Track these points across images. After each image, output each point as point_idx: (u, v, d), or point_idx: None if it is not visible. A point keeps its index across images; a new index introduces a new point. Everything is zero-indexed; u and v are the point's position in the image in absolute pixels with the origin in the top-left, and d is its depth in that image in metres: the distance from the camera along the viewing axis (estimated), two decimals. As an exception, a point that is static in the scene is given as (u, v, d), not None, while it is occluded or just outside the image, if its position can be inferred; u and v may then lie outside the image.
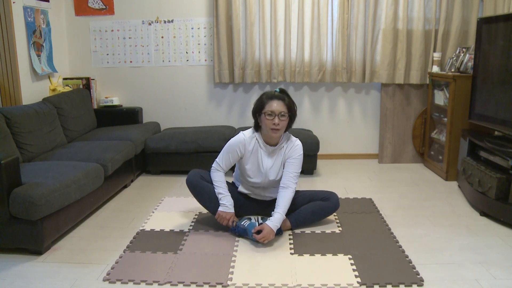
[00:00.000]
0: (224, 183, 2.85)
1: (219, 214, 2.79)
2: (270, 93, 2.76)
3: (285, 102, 2.71)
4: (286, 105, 2.71)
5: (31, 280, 2.30)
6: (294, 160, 2.79)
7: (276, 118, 2.67)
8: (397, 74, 4.36)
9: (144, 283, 2.25)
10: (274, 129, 2.69)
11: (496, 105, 3.28)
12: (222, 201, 2.80)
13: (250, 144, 2.80)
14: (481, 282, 2.24)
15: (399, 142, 4.56)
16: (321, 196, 2.94)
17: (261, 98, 2.77)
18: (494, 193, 2.97)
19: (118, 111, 4.54)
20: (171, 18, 4.53)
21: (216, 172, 2.86)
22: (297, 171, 2.80)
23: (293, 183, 2.76)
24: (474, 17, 4.16)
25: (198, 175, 2.89)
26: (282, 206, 2.71)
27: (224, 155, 2.84)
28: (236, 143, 2.81)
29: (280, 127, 2.70)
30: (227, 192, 2.82)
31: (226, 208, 2.78)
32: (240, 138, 2.81)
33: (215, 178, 2.85)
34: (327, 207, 2.92)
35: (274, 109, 2.68)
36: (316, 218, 2.93)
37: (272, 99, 2.70)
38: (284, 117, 2.69)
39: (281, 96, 2.73)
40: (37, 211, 2.44)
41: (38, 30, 4.03)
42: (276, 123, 2.67)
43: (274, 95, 2.72)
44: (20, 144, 3.20)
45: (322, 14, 4.30)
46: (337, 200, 2.95)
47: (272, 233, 2.64)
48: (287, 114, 2.71)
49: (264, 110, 2.70)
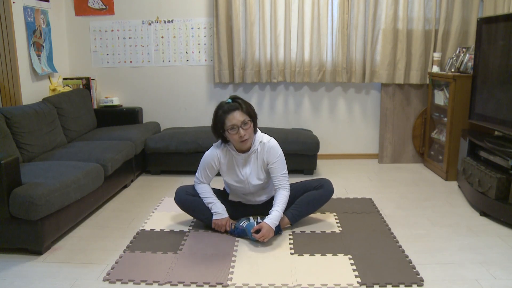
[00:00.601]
0: (210, 192, 2.85)
1: (215, 223, 2.80)
2: (224, 106, 2.63)
3: (243, 110, 2.62)
4: (244, 112, 2.62)
5: (31, 280, 2.30)
6: (276, 163, 2.75)
7: (240, 130, 2.60)
8: (397, 74, 4.36)
9: (144, 283, 2.25)
10: (243, 141, 2.65)
11: (496, 105, 3.28)
12: (213, 209, 2.80)
13: (223, 156, 2.78)
14: (481, 282, 2.24)
15: (399, 142, 4.56)
16: (314, 185, 2.92)
17: (217, 115, 2.66)
18: (494, 193, 2.97)
19: (118, 111, 4.54)
20: (171, 18, 4.53)
21: (200, 184, 2.86)
22: (284, 171, 2.78)
23: (285, 182, 2.76)
24: (474, 17, 4.16)
25: (184, 192, 2.88)
26: (279, 204, 2.71)
27: (202, 170, 2.83)
28: (210, 158, 2.79)
29: (248, 136, 2.65)
30: (216, 200, 2.82)
31: (219, 215, 2.79)
32: (212, 153, 2.78)
33: (201, 190, 2.85)
34: (322, 195, 2.90)
35: (235, 122, 2.59)
36: (312, 208, 2.91)
37: (229, 112, 2.60)
38: (247, 124, 2.62)
39: (236, 105, 2.62)
40: (37, 211, 2.44)
41: (38, 30, 4.03)
42: (242, 134, 2.61)
43: (229, 108, 2.61)
44: (20, 144, 3.20)
45: (322, 14, 4.30)
46: (330, 185, 2.92)
47: (271, 231, 2.65)
48: (249, 121, 2.64)
49: (226, 127, 2.62)
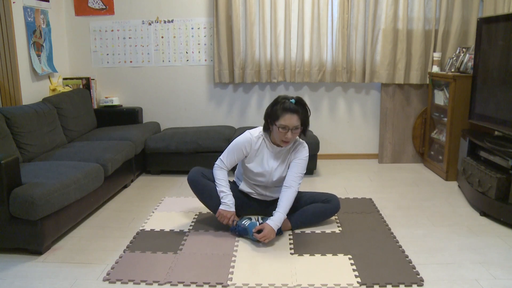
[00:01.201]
0: (226, 181, 2.84)
1: (220, 213, 2.78)
2: (286, 104, 2.63)
3: (300, 116, 2.64)
4: (300, 119, 2.65)
5: (31, 280, 2.30)
6: (300, 161, 2.78)
7: (289, 132, 2.63)
8: (397, 74, 4.36)
9: (144, 283, 2.25)
10: (285, 141, 2.68)
11: (496, 105, 3.28)
12: (224, 199, 2.79)
13: (256, 143, 2.79)
14: (481, 282, 2.24)
15: (399, 142, 4.56)
16: (323, 198, 2.95)
17: (276, 107, 2.66)
18: (494, 193, 2.97)
19: (118, 111, 4.54)
20: (171, 18, 4.53)
21: (219, 170, 2.85)
22: (302, 172, 2.79)
23: (296, 183, 2.76)
24: (474, 17, 4.16)
25: (199, 173, 2.88)
26: (283, 206, 2.70)
27: (229, 153, 2.83)
28: (242, 142, 2.79)
29: (292, 140, 2.69)
30: (229, 191, 2.81)
31: (227, 207, 2.78)
32: (247, 137, 2.79)
33: (218, 176, 2.84)
34: (327, 209, 2.93)
35: (288, 123, 2.61)
36: (316, 219, 2.93)
37: (286, 112, 2.61)
38: (297, 130, 2.66)
39: (296, 109, 2.63)
40: (37, 211, 2.44)
41: (38, 30, 4.03)
42: (289, 137, 2.64)
43: (289, 108, 2.62)
44: (20, 144, 3.20)
45: (322, 14, 4.30)
46: (338, 202, 2.95)
47: (273, 232, 2.65)
48: (300, 127, 2.67)
49: (278, 123, 2.63)
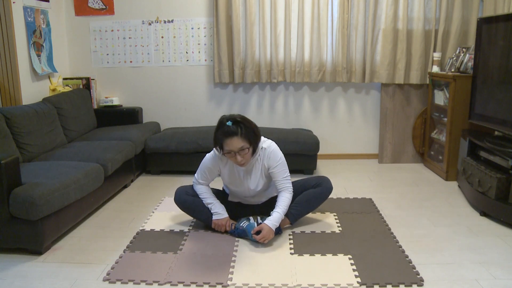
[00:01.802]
0: (209, 192, 2.84)
1: (215, 223, 2.79)
2: (224, 128, 2.54)
3: (241, 136, 2.53)
4: (242, 139, 2.53)
5: (31, 280, 2.30)
6: (277, 167, 2.72)
7: (236, 155, 2.56)
8: (397, 74, 4.36)
9: (144, 283, 2.25)
10: (240, 164, 2.63)
11: (496, 105, 3.28)
12: (213, 209, 2.80)
13: (224, 161, 2.75)
14: (481, 282, 2.24)
15: (399, 142, 4.56)
16: (313, 183, 2.91)
17: (217, 134, 2.59)
18: (494, 193, 2.97)
19: (118, 111, 4.54)
20: (171, 18, 4.53)
21: (198, 185, 2.85)
22: (286, 175, 2.75)
23: (286, 185, 2.74)
24: (474, 17, 4.16)
25: (183, 192, 2.87)
26: (281, 206, 2.70)
27: (201, 173, 2.81)
28: (211, 163, 2.77)
29: (245, 160, 2.61)
30: (215, 200, 2.82)
31: (219, 215, 2.78)
32: (214, 157, 2.75)
33: (200, 191, 2.84)
34: (320, 193, 2.89)
35: (232, 148, 2.54)
36: (312, 206, 2.91)
37: (227, 137, 2.53)
38: (244, 151, 2.56)
39: (235, 130, 2.52)
40: (37, 211, 2.44)
41: (38, 30, 4.03)
42: (239, 159, 2.58)
43: (228, 132, 2.52)
44: (20, 144, 3.20)
45: (322, 14, 4.30)
46: (328, 183, 2.91)
47: (271, 232, 2.64)
48: (247, 148, 2.56)
49: (223, 150, 2.58)
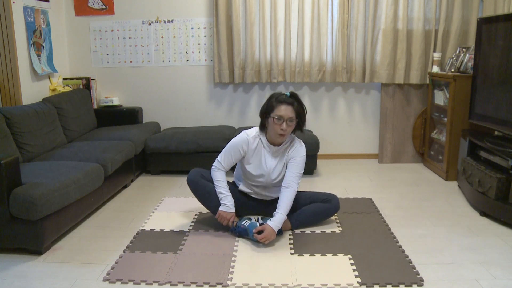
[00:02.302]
0: (225, 182, 2.84)
1: (220, 214, 2.79)
2: (280, 96, 2.70)
3: (294, 108, 2.67)
4: (295, 111, 2.67)
5: (31, 280, 2.30)
6: (297, 161, 2.78)
7: (284, 123, 2.65)
8: (397, 74, 4.36)
9: (144, 283, 2.25)
10: (281, 134, 2.69)
11: (496, 105, 3.28)
12: (223, 200, 2.79)
13: (253, 143, 2.79)
14: (481, 282, 2.24)
15: (399, 142, 4.56)
16: (322, 198, 2.95)
17: (271, 100, 2.72)
18: (494, 193, 2.97)
19: (118, 111, 4.54)
20: (171, 18, 4.53)
21: (217, 171, 2.85)
22: (300, 172, 2.79)
23: (295, 183, 2.76)
24: (474, 17, 4.16)
25: (199, 174, 2.88)
26: (283, 206, 2.70)
27: (226, 154, 2.83)
28: (239, 142, 2.79)
29: (287, 132, 2.69)
30: (228, 192, 2.81)
31: (227, 208, 2.78)
32: (243, 137, 2.80)
33: (216, 178, 2.84)
34: (327, 209, 2.93)
35: (283, 114, 2.64)
36: (316, 219, 2.93)
37: (282, 103, 2.66)
38: (292, 122, 2.67)
39: (291, 100, 2.67)
40: (37, 211, 2.44)
41: (38, 30, 4.03)
42: (284, 128, 2.65)
43: (284, 99, 2.67)
44: (20, 144, 3.20)
45: (322, 14, 4.30)
46: (337, 202, 2.95)
47: (273, 233, 2.64)
48: (295, 120, 2.69)
49: (273, 114, 2.67)
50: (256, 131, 2.82)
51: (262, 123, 2.79)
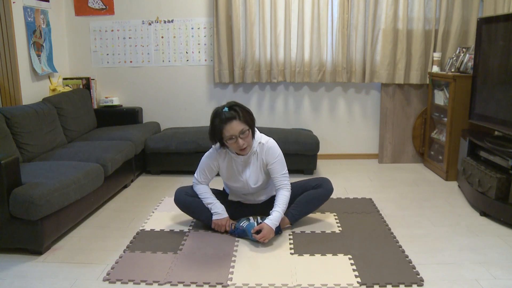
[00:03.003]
0: (209, 192, 2.84)
1: (215, 223, 2.79)
2: (221, 115, 2.56)
3: (240, 119, 2.55)
4: (241, 121, 2.55)
5: (31, 280, 2.30)
6: (275, 164, 2.73)
7: (239, 139, 2.56)
8: (397, 74, 4.36)
9: (144, 283, 2.25)
10: (242, 149, 2.63)
11: (496, 105, 3.28)
12: (213, 209, 2.80)
13: (222, 157, 2.76)
14: (481, 282, 2.24)
15: (399, 142, 4.56)
16: (313, 184, 2.92)
17: (214, 124, 2.59)
18: (494, 193, 2.96)
19: (118, 111, 4.54)
20: (171, 18, 4.53)
21: (198, 185, 2.85)
22: (283, 172, 2.76)
23: (285, 183, 2.75)
24: (474, 17, 4.16)
25: (183, 193, 2.87)
26: (280, 205, 2.70)
27: (200, 171, 2.82)
28: (209, 160, 2.78)
29: (248, 143, 2.62)
30: (215, 200, 2.81)
31: (219, 215, 2.78)
32: (212, 155, 2.77)
33: (200, 191, 2.84)
34: (321, 194, 2.90)
35: (233, 132, 2.54)
36: (312, 207, 2.91)
37: (226, 122, 2.54)
38: (245, 133, 2.57)
39: (233, 114, 2.54)
40: (37, 211, 2.44)
41: (38, 30, 4.03)
42: (241, 144, 2.58)
43: (226, 117, 2.54)
44: (20, 144, 3.20)
45: (322, 14, 4.30)
46: (329, 184, 2.91)
47: (271, 232, 2.64)
48: (247, 129, 2.58)
49: (224, 137, 2.58)
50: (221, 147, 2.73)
51: (221, 144, 2.67)
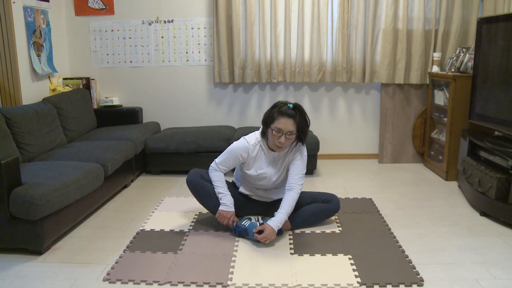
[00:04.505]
0: (223, 182, 2.84)
1: (220, 213, 2.78)
2: (283, 107, 2.61)
3: (295, 121, 2.60)
4: (295, 124, 2.60)
5: (31, 280, 2.30)
6: (299, 162, 2.75)
7: (282, 136, 2.59)
8: (397, 74, 4.36)
9: (144, 283, 2.25)
10: (279, 146, 2.65)
11: (496, 105, 3.28)
12: (223, 200, 2.79)
13: (253, 151, 2.76)
14: (481, 282, 2.24)
15: (399, 142, 4.56)
16: (323, 198, 2.95)
17: (273, 110, 2.64)
18: (494, 193, 2.97)
19: (118, 111, 4.54)
20: (171, 18, 4.53)
21: (215, 172, 2.84)
22: (302, 172, 2.77)
23: (298, 185, 2.74)
24: (474, 17, 4.16)
25: (198, 175, 2.87)
26: (285, 207, 2.69)
27: (225, 159, 2.81)
28: (239, 150, 2.76)
29: (285, 145, 2.64)
30: (227, 191, 2.81)
31: (226, 207, 2.78)
32: (243, 144, 2.76)
33: (214, 178, 2.83)
34: (327, 210, 2.93)
35: (282, 127, 2.58)
36: (316, 220, 2.93)
37: (283, 116, 2.58)
38: (291, 135, 2.61)
39: (293, 113, 2.59)
40: (37, 211, 2.44)
41: (38, 30, 4.03)
42: (282, 141, 2.60)
43: (285, 112, 2.59)
44: (20, 144, 3.20)
45: (322, 14, 4.30)
46: (338, 202, 2.95)
47: (273, 233, 2.64)
48: (295, 133, 2.62)
49: (273, 125, 2.61)
50: (256, 137, 2.78)
51: (263, 131, 2.74)
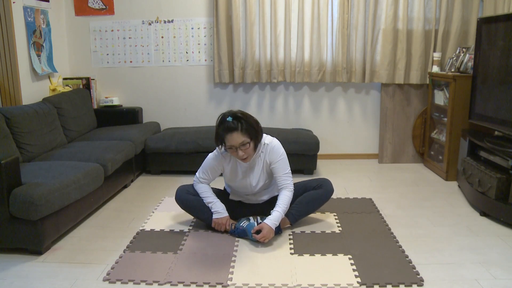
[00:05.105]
0: (209, 191, 2.84)
1: (215, 222, 2.79)
2: (224, 124, 2.56)
3: (241, 131, 2.54)
4: (243, 133, 2.55)
5: (31, 280, 2.30)
6: (278, 163, 2.73)
7: (238, 150, 2.57)
8: (397, 74, 4.36)
9: (144, 283, 2.25)
10: (243, 159, 2.65)
11: (496, 105, 3.28)
12: (214, 208, 2.80)
13: (227, 160, 2.77)
14: (481, 282, 2.24)
15: (399, 142, 4.56)
16: (314, 185, 2.92)
17: (218, 130, 2.60)
18: (494, 193, 2.97)
19: (118, 111, 4.54)
20: (171, 18, 4.53)
21: (199, 184, 2.86)
22: (287, 171, 2.76)
23: (287, 182, 2.74)
24: (474, 17, 4.16)
25: (184, 191, 2.88)
26: (281, 205, 2.70)
27: (204, 172, 2.82)
28: (213, 161, 2.78)
29: (248, 154, 2.63)
30: (215, 199, 2.82)
31: (219, 214, 2.79)
32: (217, 156, 2.77)
33: (200, 190, 2.84)
34: (321, 195, 2.90)
35: (233, 143, 2.55)
36: (312, 208, 2.91)
37: (228, 132, 2.55)
38: (245, 145, 2.57)
39: (235, 126, 2.54)
40: (37, 211, 2.44)
41: (38, 30, 4.03)
42: (241, 154, 2.59)
43: (228, 127, 2.54)
44: (20, 144, 3.20)
45: (322, 14, 4.30)
46: (330, 185, 2.92)
47: (271, 231, 2.64)
48: (248, 141, 2.58)
49: (225, 145, 2.61)
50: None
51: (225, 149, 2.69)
